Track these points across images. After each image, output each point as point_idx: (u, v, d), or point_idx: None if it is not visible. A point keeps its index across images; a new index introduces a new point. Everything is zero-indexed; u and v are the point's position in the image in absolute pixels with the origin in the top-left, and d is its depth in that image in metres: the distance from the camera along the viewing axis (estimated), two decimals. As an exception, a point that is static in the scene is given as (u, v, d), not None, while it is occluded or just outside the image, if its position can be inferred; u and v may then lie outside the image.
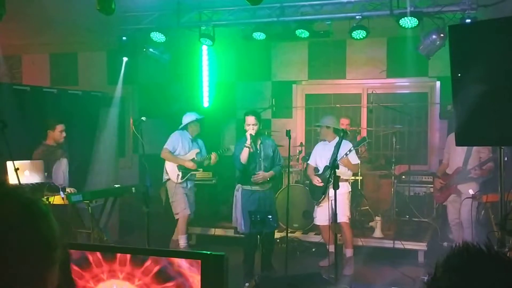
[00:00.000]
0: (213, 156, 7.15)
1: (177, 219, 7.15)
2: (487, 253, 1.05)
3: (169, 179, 7.14)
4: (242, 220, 6.17)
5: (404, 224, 7.76)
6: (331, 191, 6.17)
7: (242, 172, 6.24)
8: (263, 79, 9.67)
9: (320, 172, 6.57)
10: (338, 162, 6.24)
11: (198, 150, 7.19)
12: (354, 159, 6.50)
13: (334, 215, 5.46)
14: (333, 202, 5.85)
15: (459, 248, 1.07)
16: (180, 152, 7.12)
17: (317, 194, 6.54)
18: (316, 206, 6.69)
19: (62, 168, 6.58)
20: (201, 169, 7.30)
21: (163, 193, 7.77)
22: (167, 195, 7.33)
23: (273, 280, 6.00)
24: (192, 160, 7.12)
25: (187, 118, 7.16)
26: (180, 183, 7.10)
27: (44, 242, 1.03)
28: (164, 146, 7.07)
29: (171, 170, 7.11)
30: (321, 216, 6.52)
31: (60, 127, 6.54)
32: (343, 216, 6.31)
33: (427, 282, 1.09)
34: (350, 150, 6.31)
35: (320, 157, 6.57)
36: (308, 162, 6.88)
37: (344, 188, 6.42)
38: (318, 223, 6.71)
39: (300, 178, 8.22)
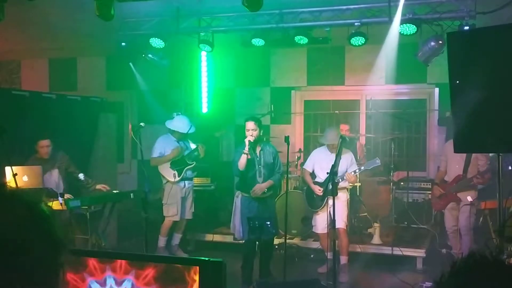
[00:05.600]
0: (200, 147, 7.14)
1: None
2: (492, 260, 1.07)
3: (167, 182, 7.16)
4: (240, 227, 6.16)
5: (403, 231, 7.75)
6: (330, 199, 6.21)
7: (241, 178, 6.23)
8: (262, 85, 9.68)
9: (321, 181, 6.51)
10: (345, 178, 6.27)
11: (184, 148, 7.20)
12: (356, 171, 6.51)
13: (332, 222, 5.47)
14: (331, 209, 5.86)
15: (466, 255, 1.10)
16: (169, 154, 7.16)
17: (316, 202, 6.52)
18: (314, 214, 6.66)
19: (53, 178, 6.57)
20: (193, 163, 7.24)
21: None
22: None
23: (272, 286, 5.99)
24: (182, 157, 7.15)
25: (177, 124, 7.15)
26: (177, 182, 7.12)
27: (53, 244, 1.03)
28: (151, 156, 7.09)
29: (166, 171, 7.14)
30: (320, 224, 6.50)
31: (43, 142, 6.49)
32: (341, 221, 6.30)
33: (432, 287, 1.11)
34: (360, 169, 6.36)
35: (321, 167, 6.49)
36: (304, 167, 6.82)
37: (343, 196, 6.42)
38: (317, 231, 6.67)
39: (298, 184, 8.21)
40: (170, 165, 7.14)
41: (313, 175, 6.69)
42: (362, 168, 6.40)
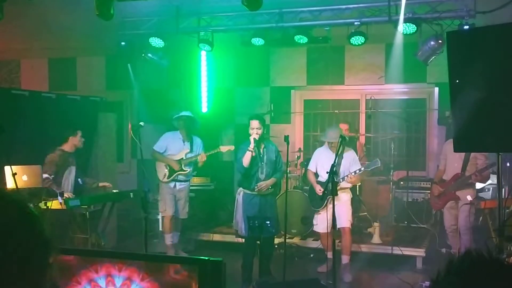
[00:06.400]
0: (200, 156, 7.03)
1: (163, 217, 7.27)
2: (489, 258, 1.07)
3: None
4: (242, 224, 6.17)
5: (403, 230, 7.76)
6: (336, 199, 6.21)
7: (244, 175, 6.25)
8: (261, 85, 9.68)
9: (323, 180, 6.45)
10: (346, 178, 6.25)
11: (187, 150, 7.13)
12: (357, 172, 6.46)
13: (333, 221, 5.47)
14: (334, 208, 5.89)
15: (462, 254, 1.09)
16: (171, 152, 7.13)
17: (317, 202, 6.49)
18: (316, 213, 6.64)
19: (71, 176, 6.60)
20: (188, 170, 7.14)
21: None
22: None
23: (271, 286, 5.99)
24: (180, 160, 7.10)
25: (182, 113, 7.17)
26: (165, 182, 7.12)
27: (43, 243, 1.04)
28: (153, 147, 7.13)
29: (160, 168, 7.15)
30: (322, 223, 6.45)
31: (80, 133, 6.68)
32: (346, 221, 6.32)
33: (429, 286, 1.11)
34: (360, 170, 6.31)
35: (323, 166, 6.44)
36: (308, 168, 6.79)
37: (346, 196, 6.42)
38: (318, 230, 6.64)
39: (298, 183, 8.21)
40: (165, 164, 7.14)
41: (316, 174, 6.66)
42: (362, 168, 6.36)
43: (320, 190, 6.35)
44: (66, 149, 6.61)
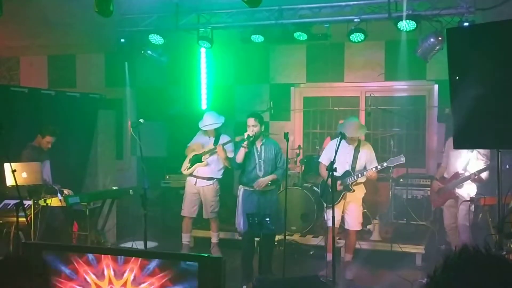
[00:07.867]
0: (217, 148, 6.97)
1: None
2: (485, 254, 1.07)
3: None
4: (241, 220, 6.17)
5: (402, 227, 7.76)
6: (348, 196, 6.23)
7: (242, 172, 6.28)
8: (261, 82, 9.67)
9: (338, 174, 6.13)
10: (365, 174, 6.18)
11: (211, 145, 7.12)
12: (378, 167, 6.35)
13: (332, 219, 5.43)
14: (345, 205, 6.00)
15: (459, 250, 1.10)
16: (198, 149, 7.19)
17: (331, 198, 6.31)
18: (327, 209, 6.52)
19: (46, 168, 6.57)
20: (204, 161, 7.08)
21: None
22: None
23: (271, 283, 5.99)
24: (202, 153, 7.12)
25: (206, 121, 7.10)
26: (187, 174, 7.16)
27: None
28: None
29: (185, 161, 7.21)
30: (336, 218, 6.31)
31: (49, 138, 6.57)
32: (357, 223, 6.31)
33: (426, 282, 1.10)
34: (382, 165, 6.21)
35: (338, 160, 6.20)
36: (320, 160, 6.55)
37: (360, 193, 6.38)
38: (330, 225, 6.49)
39: (298, 181, 8.21)
40: (191, 157, 7.17)
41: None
42: (385, 164, 6.21)
43: (339, 184, 6.21)
44: (35, 144, 6.59)
